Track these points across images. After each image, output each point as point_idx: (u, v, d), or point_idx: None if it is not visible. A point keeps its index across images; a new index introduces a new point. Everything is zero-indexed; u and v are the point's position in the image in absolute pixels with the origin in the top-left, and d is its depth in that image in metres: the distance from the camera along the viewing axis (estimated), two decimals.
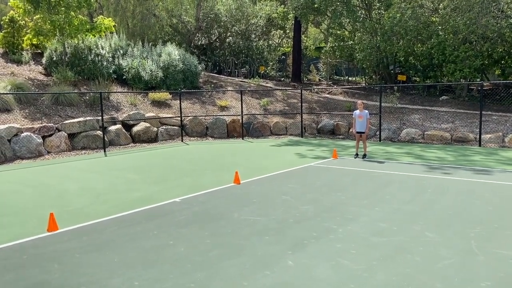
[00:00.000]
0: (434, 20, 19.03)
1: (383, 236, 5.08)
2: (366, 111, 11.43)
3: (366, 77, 25.17)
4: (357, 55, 21.53)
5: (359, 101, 11.68)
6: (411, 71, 21.62)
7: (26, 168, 11.04)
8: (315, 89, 23.14)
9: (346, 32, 24.34)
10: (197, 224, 5.72)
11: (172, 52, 20.13)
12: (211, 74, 25.03)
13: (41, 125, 13.47)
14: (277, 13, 28.23)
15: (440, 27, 18.26)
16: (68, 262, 4.49)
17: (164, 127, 16.61)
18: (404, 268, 4.16)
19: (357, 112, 11.33)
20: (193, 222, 5.82)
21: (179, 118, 16.92)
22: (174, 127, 16.85)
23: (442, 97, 19.50)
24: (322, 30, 30.51)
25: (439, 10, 19.06)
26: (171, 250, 4.76)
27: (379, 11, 21.94)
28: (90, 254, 4.71)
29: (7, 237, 5.35)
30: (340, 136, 17.18)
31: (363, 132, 11.32)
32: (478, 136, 14.05)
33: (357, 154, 11.52)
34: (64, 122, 14.03)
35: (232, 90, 20.90)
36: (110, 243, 5.05)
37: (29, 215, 6.40)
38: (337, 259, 4.41)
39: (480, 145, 13.71)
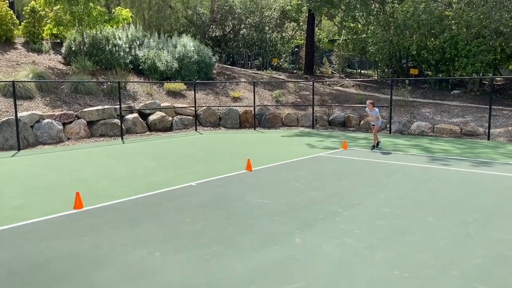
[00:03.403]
0: (447, 14, 19.08)
1: (385, 220, 5.43)
2: (376, 109, 11.67)
3: (378, 70, 25.29)
4: (369, 48, 21.68)
5: (368, 101, 11.84)
6: (423, 65, 21.72)
7: (48, 153, 11.59)
8: (327, 82, 23.37)
9: (360, 25, 24.46)
10: (212, 205, 6.14)
11: (187, 44, 20.53)
12: (225, 65, 25.39)
13: (61, 112, 14.00)
14: (291, 6, 28.41)
15: (453, 21, 18.33)
16: (95, 235, 4.94)
17: (179, 116, 17.06)
18: (403, 247, 4.51)
19: (367, 110, 11.75)
20: (208, 203, 6.23)
21: (193, 108, 17.34)
22: (188, 117, 17.29)
23: (454, 91, 19.60)
24: (336, 23, 30.59)
25: (453, 4, 19.10)
26: (189, 227, 5.18)
27: (393, 5, 22.02)
28: (114, 229, 5.15)
29: (37, 213, 5.83)
30: (351, 128, 17.44)
31: (374, 125, 11.73)
32: (487, 130, 14.21)
33: (373, 146, 11.77)
34: (83, 110, 14.55)
35: (245, 82, 21.25)
36: (132, 220, 5.49)
37: (55, 195, 6.88)
38: (341, 238, 4.78)
39: (488, 139, 13.89)
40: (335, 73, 27.23)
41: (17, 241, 4.79)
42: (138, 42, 20.20)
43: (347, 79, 23.90)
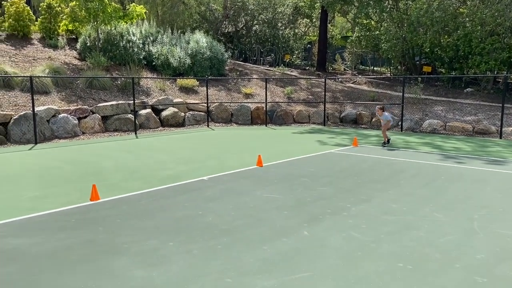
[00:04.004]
0: (461, 11, 18.93)
1: (393, 215, 5.53)
2: (386, 113, 11.88)
3: (391, 67, 25.18)
4: (382, 45, 21.60)
5: (377, 107, 12.21)
6: (436, 63, 21.57)
7: (64, 146, 11.87)
8: (340, 79, 23.36)
9: (373, 22, 24.36)
10: (223, 199, 6.30)
11: (200, 40, 20.71)
12: (237, 62, 25.51)
13: (76, 107, 14.30)
14: (304, 2, 28.38)
15: (467, 19, 18.19)
16: (110, 226, 5.14)
17: (191, 112, 17.26)
18: (409, 241, 4.62)
19: (377, 114, 12.04)
20: (219, 197, 6.40)
21: (206, 104, 17.53)
22: (200, 113, 17.48)
23: (467, 89, 19.46)
24: (349, 20, 30.49)
25: (467, 2, 18.94)
26: (200, 219, 5.35)
27: (406, 2, 21.89)
28: (129, 220, 5.35)
29: (55, 204, 6.05)
30: (362, 126, 17.46)
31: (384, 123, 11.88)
32: (500, 129, 14.14)
33: (384, 143, 11.83)
34: (98, 105, 14.84)
35: (257, 78, 21.37)
36: (145, 212, 5.68)
37: (72, 187, 7.11)
38: (348, 231, 4.90)
39: (501, 138, 13.82)
40: (347, 70, 27.18)
41: (37, 230, 5.01)
42: (151, 38, 20.44)
43: (360, 76, 23.86)
